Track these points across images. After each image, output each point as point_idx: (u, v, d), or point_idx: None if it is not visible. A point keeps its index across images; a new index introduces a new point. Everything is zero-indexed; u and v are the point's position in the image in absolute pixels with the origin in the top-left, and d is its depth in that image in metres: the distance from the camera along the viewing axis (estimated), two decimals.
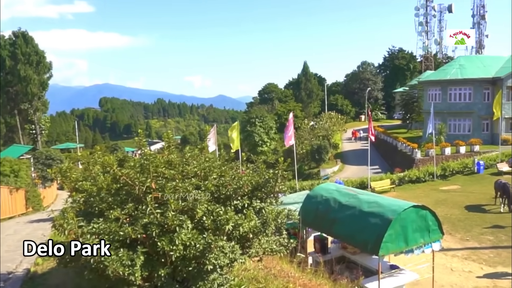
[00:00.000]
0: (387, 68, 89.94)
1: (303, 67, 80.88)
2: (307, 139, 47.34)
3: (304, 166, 44.42)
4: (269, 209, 5.41)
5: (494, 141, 35.93)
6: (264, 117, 54.49)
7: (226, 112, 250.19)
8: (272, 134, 54.20)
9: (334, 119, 54.50)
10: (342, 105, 79.67)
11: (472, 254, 14.42)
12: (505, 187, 19.37)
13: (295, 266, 6.68)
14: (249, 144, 51.82)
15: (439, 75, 42.87)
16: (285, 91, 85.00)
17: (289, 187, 27.00)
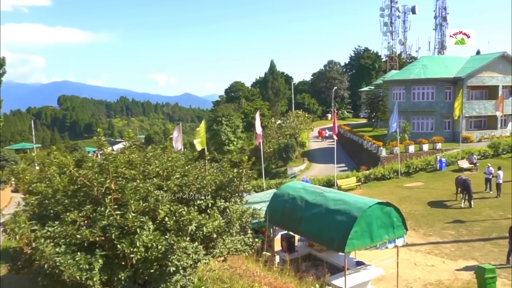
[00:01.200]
0: (353, 67, 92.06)
1: (270, 66, 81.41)
2: (274, 137, 47.66)
3: (272, 164, 44.72)
4: (234, 209, 5.41)
5: (455, 139, 37.55)
6: (230, 116, 54.34)
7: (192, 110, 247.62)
8: (239, 133, 54.16)
9: (301, 117, 55.17)
10: (309, 104, 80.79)
11: (435, 249, 15.03)
12: (466, 183, 20.32)
13: (261, 265, 6.72)
14: (216, 143, 51.55)
15: (403, 75, 44.33)
16: (252, 89, 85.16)
17: (256, 186, 27.13)
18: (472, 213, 19.17)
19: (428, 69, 42.30)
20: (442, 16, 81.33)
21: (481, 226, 17.20)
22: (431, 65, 43.30)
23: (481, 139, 39.14)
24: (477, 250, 14.66)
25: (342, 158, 42.29)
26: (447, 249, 14.91)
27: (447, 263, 13.67)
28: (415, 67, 44.23)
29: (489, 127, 41.66)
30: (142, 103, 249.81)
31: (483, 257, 13.88)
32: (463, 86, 39.09)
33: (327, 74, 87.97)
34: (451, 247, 15.10)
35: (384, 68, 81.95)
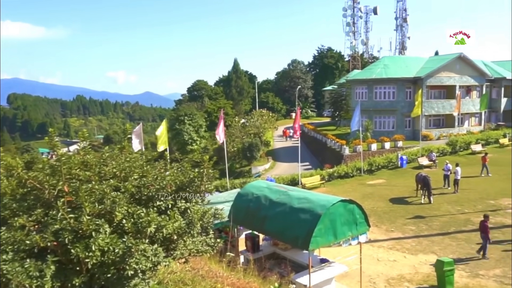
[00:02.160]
0: (317, 67, 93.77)
1: (234, 64, 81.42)
2: (238, 137, 47.67)
3: (235, 164, 44.71)
4: (195, 209, 5.35)
5: (415, 137, 39.06)
6: (193, 115, 53.83)
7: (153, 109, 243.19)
8: (202, 132, 53.76)
9: (265, 116, 55.54)
10: (273, 102, 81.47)
11: (396, 244, 15.58)
12: (425, 179, 21.20)
13: (224, 266, 6.70)
14: (178, 142, 50.91)
15: (365, 74, 45.61)
16: (215, 88, 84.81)
17: (220, 185, 27.03)
18: (431, 208, 20.02)
19: (389, 69, 43.76)
20: (402, 18, 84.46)
21: (440, 221, 17.99)
22: (392, 65, 44.83)
23: (440, 137, 41.00)
24: (436, 244, 15.32)
25: (306, 156, 42.95)
26: (408, 244, 15.49)
27: (408, 257, 14.20)
28: (377, 67, 45.61)
29: (447, 125, 43.68)
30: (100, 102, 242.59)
31: (442, 251, 14.52)
32: (423, 85, 40.74)
33: (291, 73, 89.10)
34: (412, 242, 15.69)
35: (347, 68, 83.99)
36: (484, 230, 13.67)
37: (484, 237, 13.71)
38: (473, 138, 37.31)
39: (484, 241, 13.72)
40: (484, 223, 13.75)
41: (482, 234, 13.78)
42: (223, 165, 32.88)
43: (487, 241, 13.68)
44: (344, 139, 38.39)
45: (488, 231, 13.73)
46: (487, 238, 13.66)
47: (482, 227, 13.80)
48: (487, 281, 12.05)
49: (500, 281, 12.04)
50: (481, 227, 13.83)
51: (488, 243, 13.76)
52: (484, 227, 13.70)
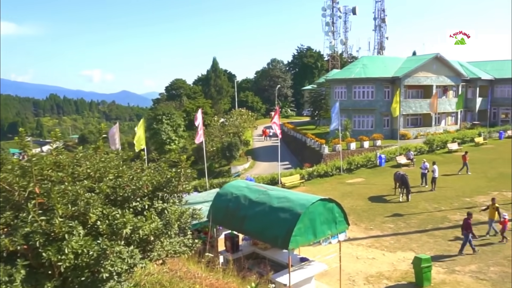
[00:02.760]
0: (296, 66, 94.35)
1: (213, 63, 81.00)
2: (217, 136, 47.52)
3: (215, 163, 44.55)
4: (172, 210, 5.29)
5: (393, 136, 39.77)
6: (171, 114, 53.32)
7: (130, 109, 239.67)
8: (180, 132, 53.30)
9: (244, 116, 55.53)
10: (253, 102, 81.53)
11: (375, 242, 15.82)
12: (403, 178, 21.61)
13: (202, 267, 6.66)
14: (156, 142, 50.34)
15: (344, 74, 46.16)
16: (194, 87, 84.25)
17: (199, 185, 26.89)
18: (409, 206, 20.42)
19: (368, 68, 44.41)
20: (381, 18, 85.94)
21: (418, 219, 18.37)
22: (370, 65, 45.51)
23: (417, 136, 41.88)
24: (414, 241, 15.64)
25: (286, 156, 43.16)
26: (387, 242, 15.75)
27: (387, 255, 14.44)
28: (355, 67, 46.22)
29: (424, 124, 44.66)
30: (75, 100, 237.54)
31: (419, 248, 14.83)
32: (401, 85, 41.51)
33: (271, 72, 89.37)
34: (391, 240, 15.97)
35: (327, 67, 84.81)
36: (467, 227, 14.04)
37: (466, 234, 14.07)
38: (449, 137, 38.26)
39: (466, 238, 14.09)
40: (467, 221, 14.13)
41: (465, 231, 14.15)
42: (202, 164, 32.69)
43: (469, 238, 14.05)
44: (323, 138, 38.76)
45: (471, 228, 14.11)
46: (470, 235, 14.03)
47: (465, 224, 14.17)
48: (463, 277, 12.38)
49: (476, 276, 12.39)
50: (464, 224, 14.20)
51: (474, 239, 14.20)
52: (467, 224, 14.07)
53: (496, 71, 50.93)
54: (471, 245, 14.17)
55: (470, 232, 14.03)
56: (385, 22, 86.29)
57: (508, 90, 48.55)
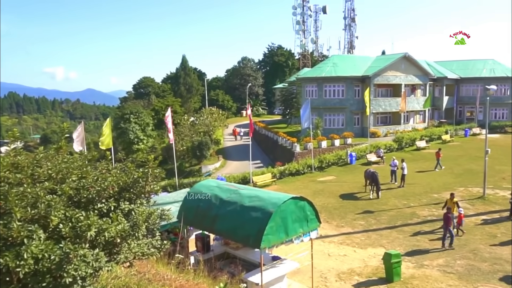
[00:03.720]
0: (267, 65, 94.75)
1: (182, 61, 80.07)
2: (187, 135, 47.09)
3: (185, 163, 44.16)
4: (140, 211, 5.20)
5: (364, 134, 40.60)
6: (139, 113, 52.38)
7: (96, 107, 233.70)
8: (149, 131, 52.44)
9: (215, 114, 55.24)
10: (223, 100, 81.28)
11: (347, 239, 16.10)
12: (374, 175, 22.10)
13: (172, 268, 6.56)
14: (124, 142, 49.34)
15: (315, 73, 46.68)
16: (163, 85, 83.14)
17: (169, 185, 26.57)
18: (379, 203, 20.90)
19: (339, 67, 45.10)
20: (351, 17, 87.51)
21: (388, 215, 18.83)
22: (341, 63, 46.23)
23: (387, 134, 42.93)
24: (385, 237, 16.02)
25: (257, 154, 43.30)
26: (357, 239, 16.06)
27: (358, 251, 14.73)
28: (326, 65, 46.85)
29: (394, 122, 45.82)
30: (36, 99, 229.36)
31: (389, 244, 15.21)
32: (370, 84, 42.40)
33: (241, 70, 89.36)
34: (362, 236, 16.30)
35: (297, 66, 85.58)
36: (448, 221, 14.55)
37: (447, 228, 14.58)
38: (417, 135, 39.42)
39: (450, 233, 14.60)
40: (447, 215, 14.66)
41: (444, 225, 14.67)
42: (171, 164, 32.32)
43: (451, 231, 14.59)
44: (295, 136, 39.09)
45: (451, 223, 14.63)
46: (448, 229, 14.53)
47: (445, 218, 14.68)
48: (431, 271, 12.78)
49: (443, 270, 12.82)
50: (445, 218, 14.71)
51: (453, 234, 14.67)
52: (447, 218, 14.59)
53: (462, 70, 52.90)
54: (444, 239, 14.69)
55: (450, 226, 14.54)
56: (355, 21, 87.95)
57: (473, 89, 50.47)
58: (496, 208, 19.03)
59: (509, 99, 50.51)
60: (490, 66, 52.16)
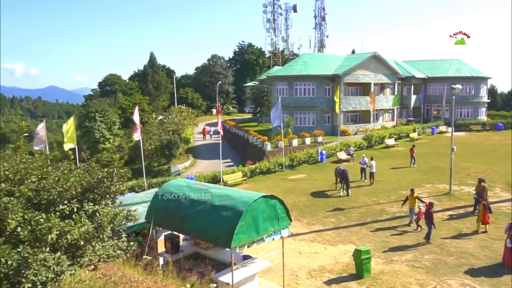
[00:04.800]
0: (238, 62, 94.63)
1: (150, 58, 78.67)
2: (155, 134, 46.43)
3: (153, 162, 43.54)
4: (105, 212, 5.08)
5: (334, 132, 41.18)
6: (105, 111, 51.19)
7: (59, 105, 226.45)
8: (115, 130, 51.33)
9: (184, 113, 54.73)
10: (193, 98, 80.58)
11: (318, 236, 16.30)
12: (344, 173, 22.47)
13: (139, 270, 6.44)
14: (89, 141, 48.08)
15: (285, 71, 47.01)
16: (130, 83, 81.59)
17: (137, 185, 26.12)
18: (350, 200, 21.27)
19: (309, 66, 45.59)
20: (321, 16, 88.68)
21: (358, 212, 19.19)
22: (311, 62, 46.74)
23: (357, 132, 43.78)
24: (355, 234, 16.32)
25: (228, 153, 43.20)
26: (328, 236, 16.29)
27: (328, 249, 14.94)
28: (297, 64, 47.25)
29: (363, 121, 46.77)
30: None
31: (359, 241, 15.50)
32: (341, 82, 43.09)
33: (211, 68, 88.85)
34: (332, 234, 16.54)
35: (268, 64, 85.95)
36: (429, 216, 14.98)
37: (429, 224, 15.02)
38: (386, 133, 40.38)
39: (429, 228, 15.03)
40: (429, 210, 15.09)
41: (427, 220, 15.09)
42: (139, 164, 31.77)
43: (431, 226, 15.02)
44: (265, 135, 39.23)
45: (433, 218, 15.08)
46: (431, 224, 14.98)
47: (427, 214, 15.11)
48: (400, 266, 13.13)
49: (412, 265, 13.19)
50: (426, 214, 15.14)
51: (433, 228, 15.09)
52: (429, 214, 15.02)
53: (429, 70, 54.62)
54: (428, 235, 15.16)
55: (431, 221, 14.99)
56: (325, 20, 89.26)
57: (439, 88, 52.17)
58: (461, 204, 19.76)
59: (474, 98, 52.59)
60: (456, 66, 54.12)
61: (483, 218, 15.79)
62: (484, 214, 15.75)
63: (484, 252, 14.06)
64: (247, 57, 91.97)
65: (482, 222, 15.88)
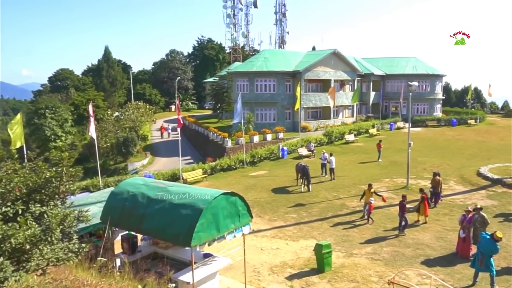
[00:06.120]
0: (197, 58, 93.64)
1: (105, 53, 76.14)
2: (111, 131, 45.15)
3: (109, 161, 42.35)
4: (54, 213, 4.83)
5: (295, 128, 41.66)
6: (57, 108, 49.13)
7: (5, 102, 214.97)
8: (67, 127, 49.37)
9: (142, 109, 53.58)
10: (151, 94, 79.03)
11: (279, 232, 16.43)
12: (305, 169, 22.77)
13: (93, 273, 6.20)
14: (39, 139, 45.95)
15: (246, 67, 47.00)
16: (83, 78, 78.82)
17: (92, 184, 25.33)
18: (311, 196, 21.60)
19: (270, 62, 45.83)
20: (281, 12, 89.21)
21: (319, 207, 19.52)
22: (272, 58, 47.01)
23: (318, 128, 44.51)
24: (316, 229, 16.59)
25: (187, 150, 42.77)
26: (290, 232, 16.46)
27: (290, 244, 15.09)
28: (257, 60, 47.36)
29: (324, 117, 47.61)
30: None
31: (320, 235, 15.77)
32: (301, 79, 43.61)
33: (170, 63, 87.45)
34: (294, 229, 16.72)
35: (228, 60, 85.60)
36: (402, 209, 15.51)
37: (402, 215, 15.56)
38: (346, 129, 41.36)
39: (404, 219, 15.60)
40: (402, 203, 15.61)
41: (400, 212, 15.61)
42: (94, 162, 30.79)
43: (405, 218, 15.60)
44: (226, 131, 39.11)
45: (405, 210, 15.66)
46: (403, 216, 15.55)
47: (400, 206, 15.62)
48: (360, 259, 13.47)
49: (371, 257, 13.57)
50: (400, 206, 15.65)
51: (408, 221, 15.74)
52: (402, 206, 15.55)
53: (387, 67, 56.40)
54: (400, 226, 15.70)
55: (404, 213, 15.56)
56: (285, 16, 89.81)
57: (397, 85, 53.91)
58: (418, 197, 20.38)
59: (430, 95, 54.84)
60: (413, 64, 56.21)
61: (424, 210, 16.65)
62: (425, 206, 16.60)
63: (439, 243, 14.69)
64: (207, 52, 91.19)
65: (423, 214, 16.76)
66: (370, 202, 17.03)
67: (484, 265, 11.18)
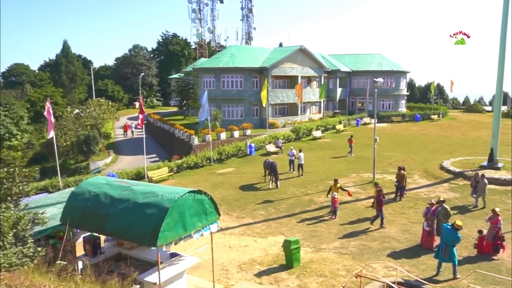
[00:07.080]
0: (162, 54, 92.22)
1: (63, 47, 73.55)
2: (71, 129, 43.79)
3: (70, 160, 41.07)
4: (5, 216, 4.59)
5: (263, 125, 41.81)
6: (11, 105, 47.20)
7: None
8: (23, 125, 47.51)
9: (104, 106, 52.25)
10: (113, 91, 77.19)
11: (247, 230, 16.43)
12: (273, 165, 22.87)
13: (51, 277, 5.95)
14: None
15: (212, 63, 46.70)
16: (40, 73, 76.07)
17: (51, 185, 24.51)
18: (279, 192, 21.72)
19: (236, 58, 45.72)
20: (248, 8, 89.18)
21: (287, 204, 19.65)
22: (239, 54, 46.93)
23: (285, 124, 44.87)
24: (284, 225, 16.69)
25: (152, 148, 42.12)
26: (258, 229, 16.49)
27: (258, 241, 15.12)
28: (224, 56, 47.15)
29: (291, 113, 48.03)
30: None
31: (289, 231, 15.88)
32: (268, 75, 43.77)
33: (133, 59, 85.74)
34: (262, 226, 16.77)
35: (194, 56, 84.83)
36: (379, 203, 15.87)
37: (380, 209, 15.88)
38: (314, 125, 41.90)
39: (381, 213, 15.94)
40: (379, 197, 15.95)
41: (378, 207, 15.94)
42: (53, 162, 29.77)
43: (382, 212, 15.96)
44: (192, 128, 38.76)
45: (383, 204, 16.07)
46: (381, 210, 15.89)
47: (378, 200, 15.95)
48: (328, 254, 13.66)
49: (339, 252, 13.80)
50: (377, 200, 15.98)
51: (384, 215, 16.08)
52: (379, 200, 15.90)
53: (353, 63, 57.49)
54: (374, 219, 16.07)
55: (381, 207, 15.90)
56: (252, 12, 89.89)
57: (363, 82, 55.15)
58: (384, 191, 21.01)
59: (395, 91, 56.35)
60: (378, 60, 57.54)
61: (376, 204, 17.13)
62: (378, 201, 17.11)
63: (405, 235, 15.12)
64: (171, 48, 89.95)
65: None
66: (334, 196, 17.29)
67: (447, 255, 11.59)
